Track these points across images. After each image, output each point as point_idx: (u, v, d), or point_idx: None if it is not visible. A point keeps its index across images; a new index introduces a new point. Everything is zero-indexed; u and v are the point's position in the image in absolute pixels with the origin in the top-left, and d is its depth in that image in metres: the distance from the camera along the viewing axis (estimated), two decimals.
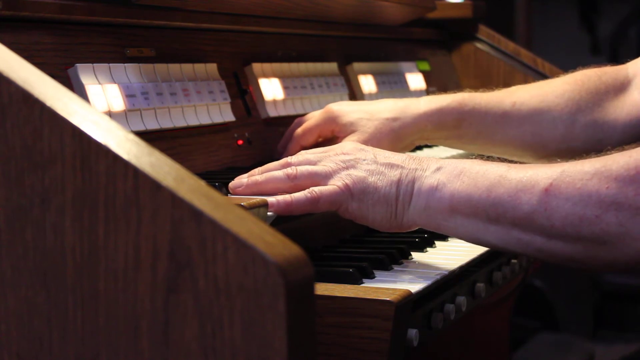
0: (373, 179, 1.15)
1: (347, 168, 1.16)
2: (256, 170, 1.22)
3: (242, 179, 1.20)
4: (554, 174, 1.08)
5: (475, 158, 1.18)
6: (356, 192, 1.15)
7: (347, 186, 1.15)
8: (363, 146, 1.21)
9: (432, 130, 1.49)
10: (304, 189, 1.15)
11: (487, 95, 1.52)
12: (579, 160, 1.10)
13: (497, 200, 1.09)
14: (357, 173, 1.16)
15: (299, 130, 1.50)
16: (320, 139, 1.49)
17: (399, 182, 1.14)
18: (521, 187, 1.08)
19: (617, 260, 1.07)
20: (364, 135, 1.44)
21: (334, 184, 1.15)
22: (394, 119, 1.46)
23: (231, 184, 1.21)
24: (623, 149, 1.09)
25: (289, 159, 1.22)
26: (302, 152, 1.24)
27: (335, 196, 1.14)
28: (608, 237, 1.04)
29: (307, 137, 1.48)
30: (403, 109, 1.48)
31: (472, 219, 1.11)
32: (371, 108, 1.48)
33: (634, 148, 1.08)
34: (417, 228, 1.18)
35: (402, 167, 1.15)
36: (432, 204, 1.13)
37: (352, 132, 1.45)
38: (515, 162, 1.19)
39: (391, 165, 1.16)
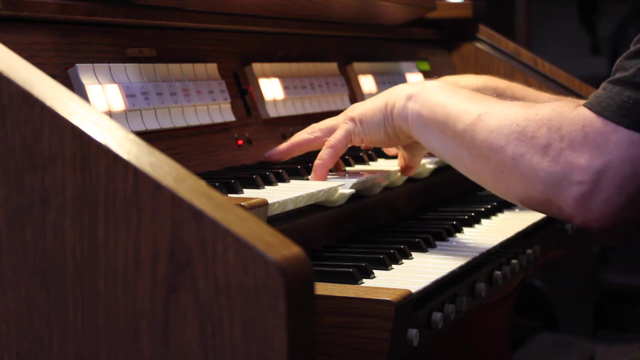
0: (367, 104, 1.37)
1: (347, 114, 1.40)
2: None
3: (274, 148, 1.45)
4: (493, 105, 1.23)
5: None
6: (357, 116, 1.36)
7: (350, 117, 1.37)
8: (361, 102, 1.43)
9: None
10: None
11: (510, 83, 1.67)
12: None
13: (446, 115, 1.25)
14: (354, 109, 1.38)
15: None
16: None
17: (387, 100, 1.34)
18: (466, 109, 1.24)
19: (511, 191, 1.20)
20: None
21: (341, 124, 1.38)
22: None
23: (267, 154, 1.44)
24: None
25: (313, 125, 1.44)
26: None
27: (344, 128, 1.36)
28: (504, 167, 1.18)
29: None
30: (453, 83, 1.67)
31: (430, 128, 1.28)
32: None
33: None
34: (410, 140, 1.34)
35: (388, 93, 1.35)
36: (408, 111, 1.30)
37: None
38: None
39: (378, 96, 1.37)
